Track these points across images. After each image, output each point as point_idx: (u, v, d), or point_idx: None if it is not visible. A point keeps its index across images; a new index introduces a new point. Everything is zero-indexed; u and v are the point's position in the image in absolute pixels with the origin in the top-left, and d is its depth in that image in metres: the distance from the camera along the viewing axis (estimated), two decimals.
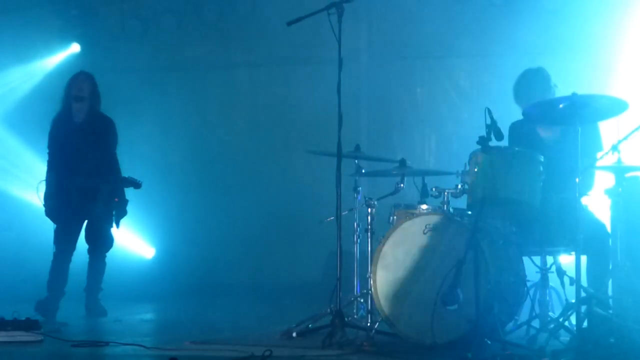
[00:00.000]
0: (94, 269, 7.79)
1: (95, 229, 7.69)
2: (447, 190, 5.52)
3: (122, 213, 7.76)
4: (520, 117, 5.90)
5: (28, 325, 5.68)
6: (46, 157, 7.77)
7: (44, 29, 10.43)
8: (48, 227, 8.55)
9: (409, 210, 5.78)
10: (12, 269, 9.86)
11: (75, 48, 10.98)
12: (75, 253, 7.83)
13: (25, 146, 10.50)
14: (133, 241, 10.82)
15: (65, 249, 7.60)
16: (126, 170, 10.23)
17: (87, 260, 7.86)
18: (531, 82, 6.20)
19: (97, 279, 7.80)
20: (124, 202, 7.75)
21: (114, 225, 7.77)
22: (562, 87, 6.07)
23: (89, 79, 7.68)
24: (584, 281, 5.19)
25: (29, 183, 10.33)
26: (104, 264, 7.85)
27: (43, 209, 7.64)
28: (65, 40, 10.92)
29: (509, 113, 6.17)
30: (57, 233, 7.61)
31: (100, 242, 7.74)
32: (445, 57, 9.10)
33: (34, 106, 10.57)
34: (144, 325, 7.38)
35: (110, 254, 10.48)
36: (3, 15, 10.07)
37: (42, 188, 7.59)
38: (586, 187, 5.69)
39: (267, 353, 4.82)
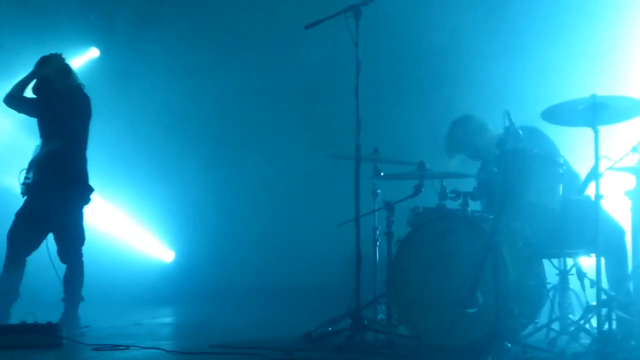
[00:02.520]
0: None
1: None
2: (466, 193, 5.53)
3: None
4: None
5: (49, 329, 5.72)
6: None
7: (62, 33, 10.48)
8: None
9: (427, 213, 5.79)
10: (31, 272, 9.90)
11: (94, 52, 11.04)
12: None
13: None
14: (153, 245, 10.88)
15: None
16: (146, 175, 10.36)
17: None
18: (464, 128, 6.37)
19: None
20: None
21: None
22: (581, 89, 6.06)
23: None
24: (604, 283, 5.17)
25: None
26: None
27: None
28: (84, 44, 10.98)
29: (527, 115, 6.17)
30: None
31: None
32: (465, 58, 9.08)
33: None
34: (164, 329, 7.42)
35: (129, 258, 10.61)
36: (23, 20, 10.14)
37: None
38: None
39: (287, 356, 4.84)
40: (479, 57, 8.87)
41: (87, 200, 7.10)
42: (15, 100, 7.05)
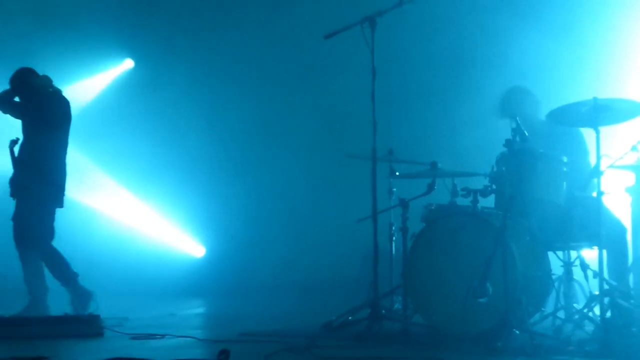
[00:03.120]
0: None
1: None
2: (476, 190, 5.53)
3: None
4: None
5: (89, 319, 5.76)
6: None
7: (99, 46, 10.58)
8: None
9: (440, 210, 5.80)
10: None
11: (129, 64, 11.14)
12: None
13: (82, 154, 10.68)
14: (185, 241, 10.95)
15: None
16: (179, 177, 10.40)
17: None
18: (523, 97, 6.24)
19: None
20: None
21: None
22: (585, 91, 6.06)
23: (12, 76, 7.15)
24: (606, 274, 5.16)
25: (86, 187, 10.52)
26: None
27: None
28: (119, 56, 11.07)
29: None
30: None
31: None
32: (471, 64, 9.06)
33: (94, 118, 10.76)
34: (196, 319, 7.45)
35: (163, 253, 10.69)
36: (62, 33, 10.22)
37: None
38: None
39: (310, 344, 4.86)
40: (485, 62, 8.85)
41: (60, 203, 7.02)
42: (5, 103, 7.00)
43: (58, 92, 7.18)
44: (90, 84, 10.96)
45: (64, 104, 7.18)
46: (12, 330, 5.60)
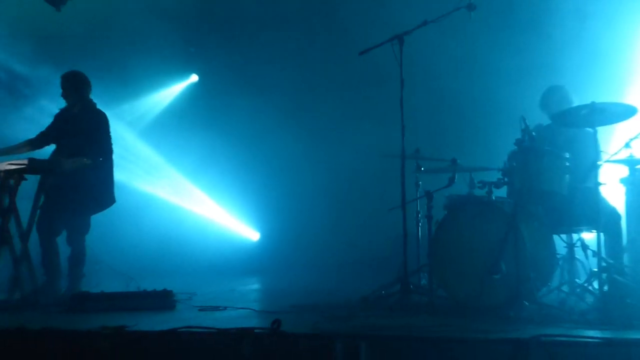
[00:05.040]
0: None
1: None
2: (490, 182, 5.53)
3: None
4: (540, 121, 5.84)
5: (164, 294, 5.81)
6: None
7: (169, 63, 10.72)
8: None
9: (460, 199, 5.80)
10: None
11: (194, 78, 11.30)
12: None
13: (158, 154, 10.85)
14: (242, 227, 11.06)
15: None
16: (239, 176, 10.44)
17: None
18: (555, 95, 6.19)
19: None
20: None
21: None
22: (583, 96, 6.02)
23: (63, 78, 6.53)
24: (604, 254, 5.13)
25: (155, 181, 10.68)
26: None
27: None
28: (186, 72, 11.21)
29: (537, 118, 6.14)
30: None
31: None
32: (484, 74, 9.01)
33: (164, 124, 10.90)
34: (253, 294, 7.47)
35: (224, 238, 10.79)
36: (138, 54, 10.37)
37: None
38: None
39: (350, 314, 4.90)
40: (495, 72, 8.80)
41: (93, 211, 6.48)
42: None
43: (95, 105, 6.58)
44: (165, 94, 11.19)
45: (105, 118, 6.51)
46: (99, 304, 5.67)
